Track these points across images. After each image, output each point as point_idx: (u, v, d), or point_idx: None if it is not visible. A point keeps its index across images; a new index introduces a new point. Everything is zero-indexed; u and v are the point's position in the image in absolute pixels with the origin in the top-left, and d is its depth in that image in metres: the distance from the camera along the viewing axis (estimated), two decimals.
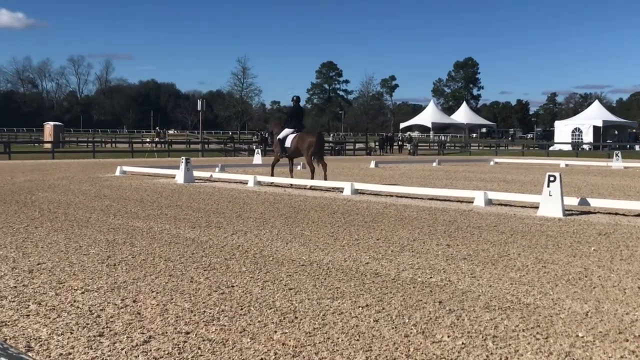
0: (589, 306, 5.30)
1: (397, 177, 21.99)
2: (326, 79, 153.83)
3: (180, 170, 18.48)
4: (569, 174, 24.48)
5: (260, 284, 5.97)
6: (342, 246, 8.07)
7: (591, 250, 7.88)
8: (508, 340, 4.41)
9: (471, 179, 21.03)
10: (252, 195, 14.63)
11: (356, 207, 12.48)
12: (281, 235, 8.92)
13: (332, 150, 54.86)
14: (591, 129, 63.80)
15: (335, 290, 5.77)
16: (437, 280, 6.22)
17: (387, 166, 30.15)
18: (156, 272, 6.46)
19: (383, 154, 54.17)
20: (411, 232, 9.32)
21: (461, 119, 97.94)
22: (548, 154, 52.38)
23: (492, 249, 7.97)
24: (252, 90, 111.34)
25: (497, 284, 6.08)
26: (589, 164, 33.87)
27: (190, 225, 9.78)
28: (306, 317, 4.89)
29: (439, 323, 4.79)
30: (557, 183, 11.32)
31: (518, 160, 38.28)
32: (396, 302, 5.37)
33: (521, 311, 5.12)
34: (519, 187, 17.57)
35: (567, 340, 4.43)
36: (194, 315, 4.95)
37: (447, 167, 30.69)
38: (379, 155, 50.65)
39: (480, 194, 13.07)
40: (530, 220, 10.73)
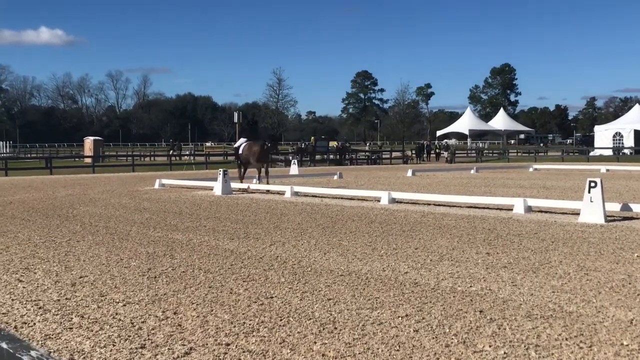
0: (633, 314, 5.19)
1: (434, 185, 21.86)
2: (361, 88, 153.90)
3: (217, 182, 18.64)
4: (610, 179, 24.05)
5: (299, 295, 5.98)
6: (380, 256, 8.05)
7: (635, 257, 7.73)
8: (551, 349, 4.35)
9: (510, 186, 20.80)
10: (289, 206, 14.68)
11: (394, 216, 12.43)
12: (319, 245, 8.93)
13: (368, 159, 54.80)
14: (632, 133, 62.57)
15: (374, 300, 5.75)
16: (478, 289, 6.16)
17: (425, 174, 29.98)
18: (196, 284, 6.51)
19: (420, 162, 53.92)
20: (450, 240, 9.25)
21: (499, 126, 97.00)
22: (588, 160, 51.56)
23: (532, 256, 7.87)
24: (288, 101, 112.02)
25: (539, 292, 5.99)
26: (631, 169, 33.23)
27: (228, 237, 9.85)
28: (345, 328, 4.89)
29: (480, 332, 4.74)
30: (598, 189, 11.14)
31: (557, 167, 37.74)
32: (436, 311, 5.33)
33: (564, 319, 5.04)
34: (559, 193, 17.32)
35: (611, 348, 4.35)
36: (234, 326, 4.98)
37: (485, 174, 30.40)
38: (416, 164, 50.42)
39: (520, 201, 12.92)
40: (571, 227, 10.57)
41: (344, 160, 50.77)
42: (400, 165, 46.68)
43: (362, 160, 54.28)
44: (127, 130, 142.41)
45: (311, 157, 49.25)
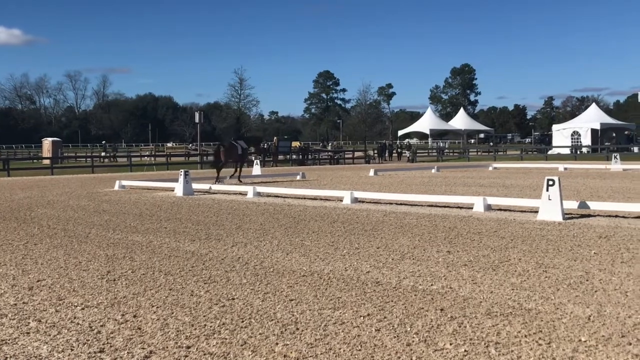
0: (591, 310, 5.28)
1: (396, 184, 21.98)
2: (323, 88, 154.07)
3: (179, 183, 18.47)
4: (568, 177, 24.48)
5: (261, 296, 5.95)
6: (342, 255, 8.05)
7: (592, 254, 7.86)
8: (510, 346, 4.39)
9: (470, 185, 21.02)
10: (251, 207, 14.61)
11: (356, 215, 12.47)
12: (281, 246, 8.91)
13: (331, 159, 54.87)
14: (589, 132, 63.80)
15: (336, 300, 5.75)
16: (438, 287, 6.20)
17: (387, 174, 30.13)
18: (156, 287, 6.44)
19: (382, 162, 54.19)
20: (411, 239, 9.30)
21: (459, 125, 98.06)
22: (547, 158, 52.39)
23: (492, 254, 7.95)
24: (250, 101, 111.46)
25: (499, 289, 6.06)
26: (588, 167, 33.87)
27: (190, 238, 9.77)
28: (307, 328, 4.88)
29: (441, 331, 4.77)
30: (556, 187, 11.32)
31: (516, 165, 38.27)
32: (398, 310, 5.36)
33: (523, 317, 5.10)
34: (518, 191, 17.56)
35: (569, 345, 4.41)
36: (195, 329, 4.93)
37: (446, 173, 30.68)
38: (378, 163, 50.67)
39: (480, 200, 13.06)
40: (530, 224, 10.72)
41: (306, 160, 50.77)
42: (363, 165, 46.87)
43: (324, 160, 54.35)
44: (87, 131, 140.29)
45: (274, 157, 49.15)
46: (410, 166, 42.40)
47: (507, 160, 50.22)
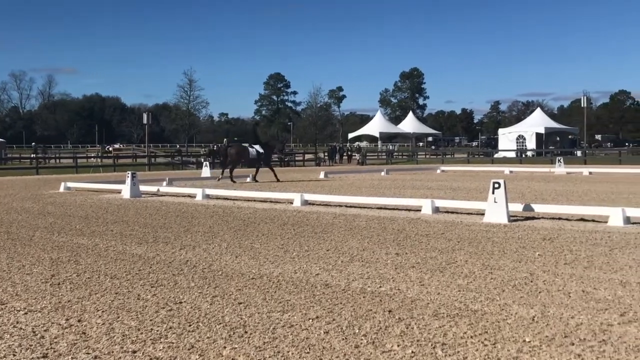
0: (535, 311, 5.38)
1: (346, 187, 22.09)
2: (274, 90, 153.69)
3: (126, 185, 18.21)
4: (514, 180, 24.96)
5: (209, 299, 5.90)
6: (292, 258, 8.05)
7: (536, 255, 8.03)
8: (457, 347, 4.45)
9: (419, 188, 21.26)
10: (200, 209, 14.49)
11: (306, 218, 12.48)
12: (230, 248, 8.85)
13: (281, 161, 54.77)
14: (534, 136, 65.27)
15: (285, 303, 5.74)
16: (387, 289, 6.25)
17: (337, 176, 30.25)
18: (102, 290, 6.33)
19: (332, 164, 54.36)
20: (361, 241, 9.35)
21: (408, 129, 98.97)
22: (493, 161, 53.32)
23: (439, 256, 8.05)
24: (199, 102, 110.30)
25: (445, 291, 6.14)
26: (533, 170, 34.60)
27: (136, 241, 9.63)
28: (256, 332, 4.85)
29: (389, 332, 4.81)
30: (502, 190, 11.53)
31: (464, 168, 38.87)
32: (346, 312, 5.38)
33: (469, 318, 5.18)
34: (465, 194, 17.83)
35: (514, 345, 4.49)
36: (141, 333, 4.86)
37: (395, 176, 30.96)
38: (329, 166, 50.81)
39: (428, 202, 13.21)
40: (477, 227, 10.89)
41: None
42: (313, 168, 46.93)
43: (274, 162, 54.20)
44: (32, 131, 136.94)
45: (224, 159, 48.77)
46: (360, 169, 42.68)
47: (454, 163, 50.96)
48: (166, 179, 23.16)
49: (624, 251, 8.23)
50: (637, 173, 29.45)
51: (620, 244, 8.79)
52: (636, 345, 4.45)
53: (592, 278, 6.64)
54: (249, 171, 28.01)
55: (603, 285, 6.32)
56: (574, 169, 33.28)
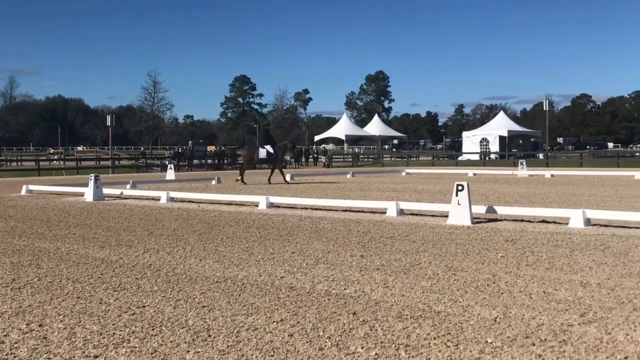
0: (497, 312, 5.45)
1: (312, 189, 22.10)
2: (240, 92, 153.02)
3: (89, 187, 17.99)
4: (477, 182, 25.22)
5: (172, 303, 5.86)
6: (257, 261, 8.03)
7: (499, 257, 8.13)
8: (420, 349, 4.49)
9: (384, 190, 21.37)
10: (164, 212, 14.38)
11: (272, 220, 12.46)
12: (195, 252, 8.80)
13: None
14: (497, 139, 66.00)
15: (249, 306, 5.72)
16: (351, 291, 6.27)
17: (303, 179, 30.25)
18: (63, 295, 6.24)
19: (298, 167, 54.34)
20: (326, 244, 9.37)
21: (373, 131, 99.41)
22: (457, 164, 53.80)
23: (404, 258, 8.10)
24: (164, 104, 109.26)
25: (409, 293, 6.18)
26: (496, 173, 35.00)
27: (99, 245, 9.52)
28: (220, 335, 4.83)
29: (353, 334, 4.82)
30: (465, 192, 11.64)
31: (428, 171, 39.17)
32: (311, 315, 5.38)
33: (432, 319, 5.22)
34: (429, 196, 17.97)
35: (476, 346, 4.54)
36: (103, 337, 4.81)
37: (361, 178, 31.08)
38: (295, 168, 50.78)
39: (393, 205, 13.29)
40: (441, 229, 10.99)
41: (222, 165, 50.36)
42: None
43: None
44: None
45: (189, 161, 48.53)
46: (326, 171, 42.75)
47: (419, 165, 51.31)
48: (130, 181, 22.92)
49: (584, 252, 8.37)
50: (598, 175, 30.01)
51: (581, 246, 8.94)
52: (595, 345, 4.54)
53: (553, 279, 6.74)
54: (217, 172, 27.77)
55: (564, 286, 6.42)
56: (536, 171, 33.75)
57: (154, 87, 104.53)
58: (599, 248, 8.71)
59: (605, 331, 4.85)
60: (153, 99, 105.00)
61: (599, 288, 6.29)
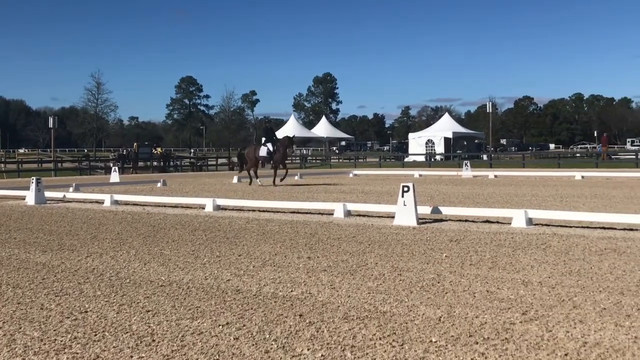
0: (441, 311, 5.52)
1: (259, 191, 22.02)
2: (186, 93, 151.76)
3: (30, 191, 17.56)
4: (423, 183, 25.53)
5: (116, 308, 5.76)
6: (203, 264, 7.96)
7: (443, 257, 8.24)
8: (365, 349, 4.51)
9: (331, 192, 21.44)
10: (108, 215, 14.13)
11: (218, 223, 12.37)
12: (139, 255, 8.67)
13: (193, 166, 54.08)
14: (442, 140, 66.95)
15: (195, 310, 5.67)
16: (298, 293, 6.27)
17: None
18: (3, 301, 6.07)
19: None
20: (273, 246, 9.34)
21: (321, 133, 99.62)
22: (403, 165, 54.34)
23: (351, 259, 8.14)
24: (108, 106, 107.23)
25: (356, 293, 6.21)
26: (441, 174, 35.48)
27: (41, 249, 9.29)
28: (164, 340, 4.77)
29: (299, 336, 4.82)
30: (411, 193, 11.77)
31: (375, 172, 39.44)
32: (257, 318, 5.36)
33: (378, 320, 5.26)
34: (376, 197, 18.10)
35: (421, 345, 4.59)
36: (44, 344, 4.69)
37: (309, 180, 31.12)
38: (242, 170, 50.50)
39: (340, 206, 13.34)
40: (387, 229, 11.08)
41: (168, 167, 49.81)
42: (227, 172, 46.58)
43: (187, 167, 53.54)
44: None
45: (133, 164, 47.84)
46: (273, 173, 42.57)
47: (366, 167, 51.65)
48: (73, 184, 22.46)
49: (526, 251, 8.55)
50: (540, 176, 30.70)
51: (523, 245, 9.13)
52: (537, 342, 4.63)
53: (496, 278, 6.86)
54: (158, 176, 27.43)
55: (506, 285, 6.54)
56: (480, 172, 34.35)
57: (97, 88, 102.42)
58: (541, 247, 8.91)
59: (546, 329, 4.96)
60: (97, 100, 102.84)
61: (540, 286, 6.43)
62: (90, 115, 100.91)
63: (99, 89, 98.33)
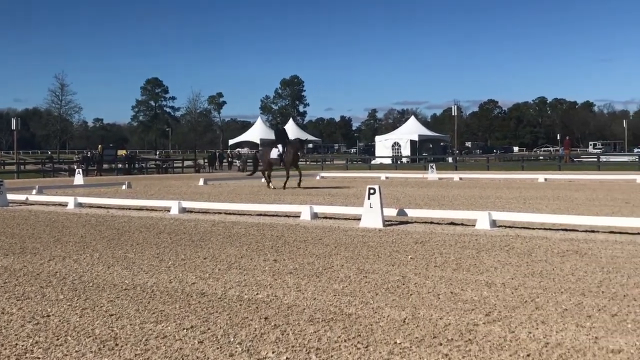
0: (406, 313, 5.56)
1: (226, 194, 21.94)
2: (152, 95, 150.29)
3: None
4: (389, 186, 25.67)
5: (78, 312, 5.69)
6: (167, 267, 7.90)
7: (408, 259, 8.29)
8: (330, 351, 4.52)
9: (298, 194, 21.43)
10: (72, 218, 13.95)
11: (184, 226, 12.29)
12: (103, 259, 8.58)
13: (159, 168, 53.65)
14: (408, 143, 67.44)
15: (159, 313, 5.63)
16: (264, 296, 6.26)
17: (217, 183, 29.98)
18: None
19: (212, 171, 53.83)
20: (239, 249, 9.31)
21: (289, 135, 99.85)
22: (370, 168, 54.58)
23: (317, 261, 8.15)
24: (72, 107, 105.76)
25: (321, 296, 6.22)
26: (407, 176, 35.70)
27: (2, 253, 9.14)
28: (127, 344, 4.73)
29: (264, 339, 4.81)
30: (377, 195, 11.83)
31: (342, 174, 39.51)
32: (222, 321, 5.34)
33: (343, 322, 5.27)
34: (343, 200, 18.14)
35: (386, 347, 4.62)
36: (5, 349, 4.62)
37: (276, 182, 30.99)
38: (209, 172, 50.28)
39: (307, 208, 13.35)
40: (353, 232, 11.11)
41: (133, 169, 49.34)
42: (193, 174, 46.30)
43: (152, 169, 53.09)
44: None
45: (98, 166, 47.31)
46: (240, 175, 42.46)
47: (333, 169, 51.70)
48: (36, 187, 22.13)
49: (490, 253, 8.65)
50: (504, 178, 31.08)
51: (487, 247, 9.23)
52: (499, 343, 4.69)
53: (460, 280, 6.93)
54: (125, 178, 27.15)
55: (470, 286, 6.61)
56: (445, 174, 34.61)
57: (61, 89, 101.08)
58: (504, 249, 9.02)
59: (509, 330, 5.02)
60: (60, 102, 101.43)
61: (504, 288, 6.51)
62: (54, 117, 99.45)
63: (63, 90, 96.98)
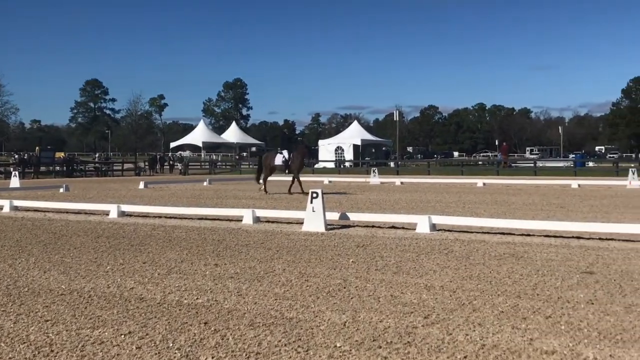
0: (346, 316, 5.59)
1: (167, 197, 21.66)
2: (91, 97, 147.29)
3: None
4: (332, 190, 25.77)
5: (13, 318, 5.54)
6: (105, 272, 7.76)
7: (350, 262, 8.35)
8: (271, 356, 4.52)
9: (241, 198, 21.34)
10: (7, 222, 13.57)
11: (123, 230, 12.08)
12: (39, 263, 8.37)
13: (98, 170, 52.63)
14: (351, 147, 67.86)
15: (96, 319, 5.52)
16: (204, 301, 6.21)
17: (157, 186, 29.57)
18: None
19: (153, 174, 53.10)
20: (179, 253, 9.21)
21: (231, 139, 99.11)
22: (313, 171, 54.65)
23: (258, 266, 8.13)
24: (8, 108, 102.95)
25: (262, 300, 6.21)
26: (350, 180, 35.91)
27: None
28: (63, 350, 4.63)
29: (204, 345, 4.78)
30: (320, 199, 11.87)
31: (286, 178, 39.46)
32: (161, 326, 5.27)
33: (284, 326, 5.28)
34: (285, 204, 18.12)
35: (326, 351, 4.64)
36: None
37: (218, 186, 30.84)
38: (149, 176, 49.57)
39: (249, 212, 13.29)
40: (295, 235, 11.12)
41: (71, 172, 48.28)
42: (133, 177, 45.55)
43: (91, 172, 52.06)
44: None
45: (35, 168, 46.12)
46: (182, 179, 42.08)
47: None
48: None
49: (430, 256, 8.78)
50: (444, 183, 31.57)
51: (427, 250, 9.36)
52: (437, 345, 4.76)
53: (400, 283, 7.02)
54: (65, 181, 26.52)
55: (410, 289, 6.69)
56: (387, 179, 34.96)
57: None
58: (443, 252, 9.16)
59: (447, 332, 5.11)
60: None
61: (442, 290, 6.62)
62: None
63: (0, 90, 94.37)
